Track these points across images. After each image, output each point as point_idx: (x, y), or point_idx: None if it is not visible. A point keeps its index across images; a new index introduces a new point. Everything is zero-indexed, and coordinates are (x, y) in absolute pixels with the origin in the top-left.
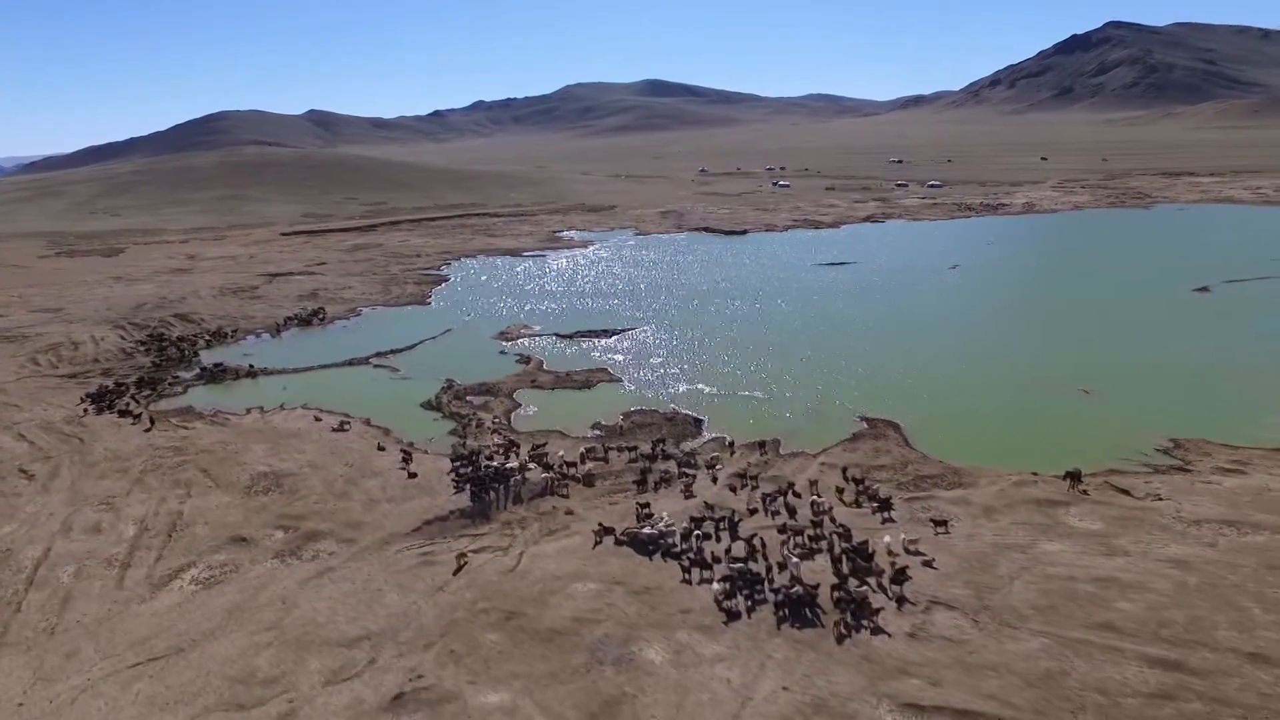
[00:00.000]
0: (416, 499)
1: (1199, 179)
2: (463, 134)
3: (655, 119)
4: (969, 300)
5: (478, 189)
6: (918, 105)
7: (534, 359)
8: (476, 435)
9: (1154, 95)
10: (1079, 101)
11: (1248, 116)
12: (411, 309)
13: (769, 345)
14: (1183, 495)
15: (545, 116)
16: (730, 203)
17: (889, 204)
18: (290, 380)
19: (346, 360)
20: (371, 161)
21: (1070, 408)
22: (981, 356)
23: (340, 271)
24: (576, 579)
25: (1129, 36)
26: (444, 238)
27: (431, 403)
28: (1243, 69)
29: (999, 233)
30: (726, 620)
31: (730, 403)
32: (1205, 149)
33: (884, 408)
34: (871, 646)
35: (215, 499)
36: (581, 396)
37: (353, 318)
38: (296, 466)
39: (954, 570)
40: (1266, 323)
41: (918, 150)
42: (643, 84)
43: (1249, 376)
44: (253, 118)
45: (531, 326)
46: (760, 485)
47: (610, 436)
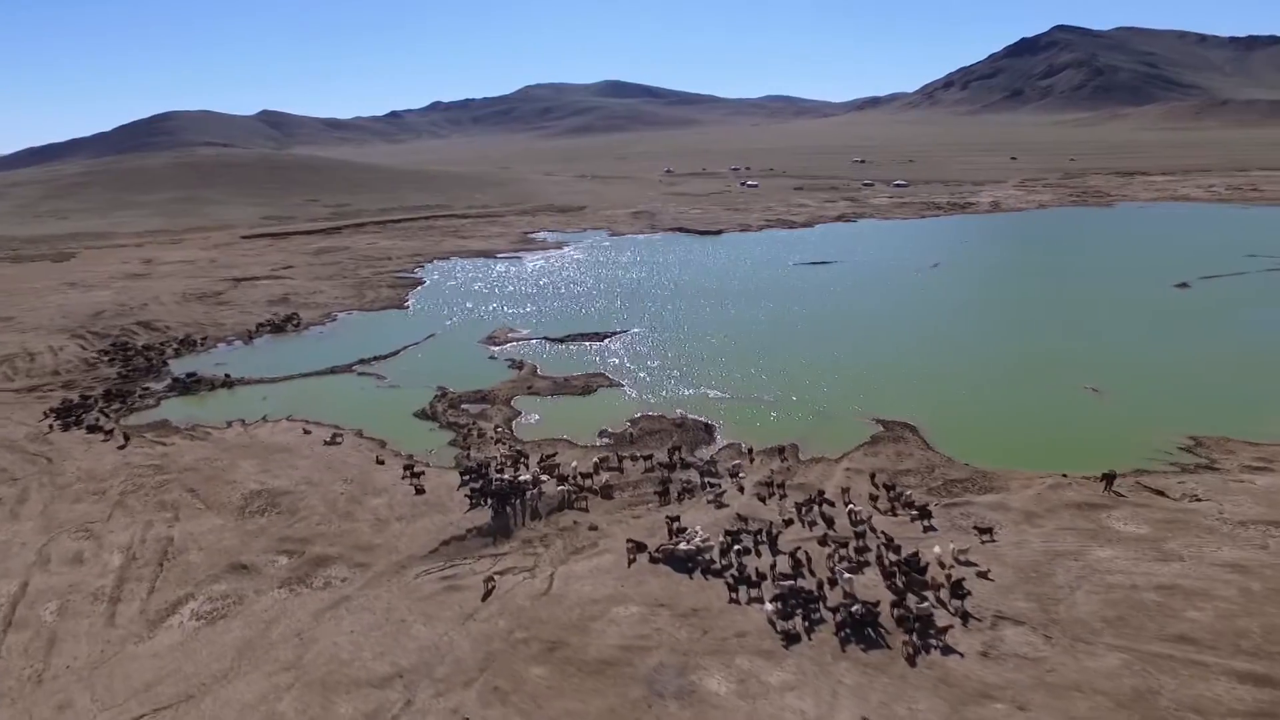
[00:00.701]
0: (428, 517)
1: (1153, 178)
2: (420, 135)
3: (615, 120)
4: (956, 298)
5: (442, 190)
6: (874, 106)
7: (527, 364)
8: (479, 446)
9: (1101, 97)
10: (1029, 103)
11: (1190, 118)
12: (389, 313)
13: (765, 346)
14: (1220, 495)
15: (504, 117)
16: (701, 203)
17: (859, 203)
18: (270, 390)
19: (328, 368)
20: (332, 163)
21: (1082, 407)
22: (981, 355)
23: (309, 275)
24: (616, 602)
25: (1075, 40)
26: (413, 240)
27: (426, 412)
28: (1182, 72)
29: (971, 231)
30: (786, 643)
31: (738, 406)
32: (1154, 149)
33: (896, 409)
34: (945, 668)
35: (207, 522)
36: (583, 403)
37: (328, 323)
38: (291, 484)
39: (1011, 581)
40: (1251, 317)
41: (879, 150)
42: (602, 85)
43: (1249, 372)
44: (202, 118)
45: (519, 330)
46: (788, 494)
47: (621, 445)
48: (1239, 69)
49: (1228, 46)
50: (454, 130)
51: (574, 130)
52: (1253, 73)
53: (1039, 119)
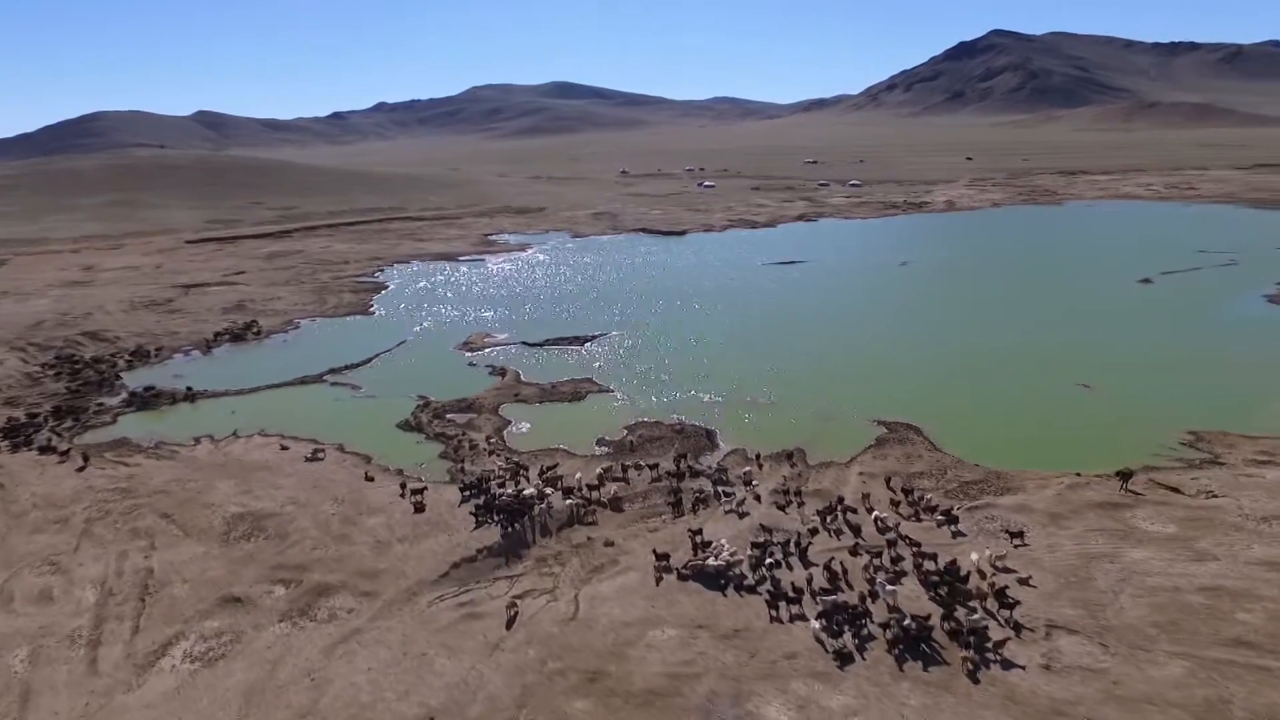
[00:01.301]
0: (433, 537)
1: (1095, 177)
2: (365, 136)
3: (564, 121)
4: (931, 296)
5: (393, 192)
6: (820, 108)
7: (509, 370)
8: (473, 459)
9: (1036, 99)
10: (969, 105)
11: (1121, 119)
12: (354, 320)
13: (751, 347)
14: (1235, 491)
15: (451, 118)
16: (660, 203)
17: (817, 203)
18: (237, 403)
19: (297, 378)
20: (277, 164)
21: (1077, 403)
22: (967, 353)
23: (264, 281)
24: (650, 625)
25: (1011, 44)
26: (368, 243)
27: (410, 423)
28: (1111, 75)
29: (931, 230)
30: (840, 663)
31: (735, 410)
32: (1091, 149)
33: (896, 409)
34: (1009, 683)
35: (188, 550)
36: (574, 410)
37: (290, 331)
38: (277, 505)
39: (1053, 587)
40: (1216, 311)
41: (829, 151)
42: (550, 86)
43: (1228, 366)
44: (134, 118)
45: (495, 335)
46: (806, 501)
47: (621, 453)
48: (1162, 73)
49: (1151, 52)
50: (400, 131)
51: (523, 131)
52: (1174, 77)
53: (979, 120)
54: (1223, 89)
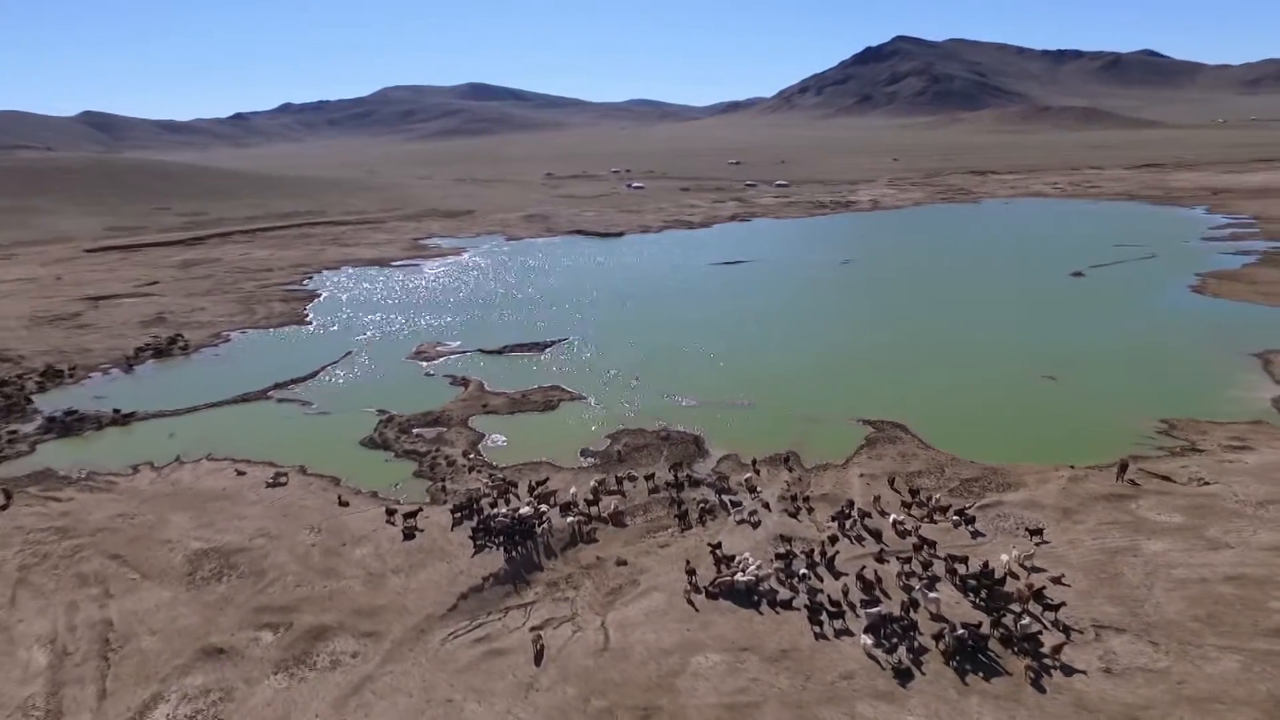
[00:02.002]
0: (430, 566)
1: (1003, 176)
2: (270, 138)
3: (481, 123)
4: (879, 294)
5: (310, 196)
6: (735, 110)
7: (471, 380)
8: (452, 477)
9: (940, 103)
10: (878, 108)
11: (1019, 122)
12: (289, 330)
13: (716, 349)
14: (1223, 477)
15: (363, 120)
16: (591, 205)
17: (747, 204)
18: (175, 425)
19: (238, 395)
20: (182, 168)
21: (1047, 395)
22: (929, 348)
23: (182, 291)
24: (690, 650)
25: (914, 50)
26: (290, 249)
27: (375, 440)
28: (1007, 80)
29: (862, 228)
30: (900, 680)
31: (716, 414)
32: (994, 150)
33: (878, 408)
34: (1075, 690)
35: (150, 595)
36: (549, 420)
37: (221, 344)
38: (245, 539)
39: (1086, 585)
40: (1149, 302)
41: (751, 152)
42: (465, 87)
43: (1173, 353)
44: (13, 119)
45: (447, 343)
46: (815, 507)
47: (610, 464)
48: (1052, 79)
49: (1041, 59)
50: (308, 133)
51: (439, 133)
52: (1062, 82)
53: (888, 122)
54: (1104, 94)
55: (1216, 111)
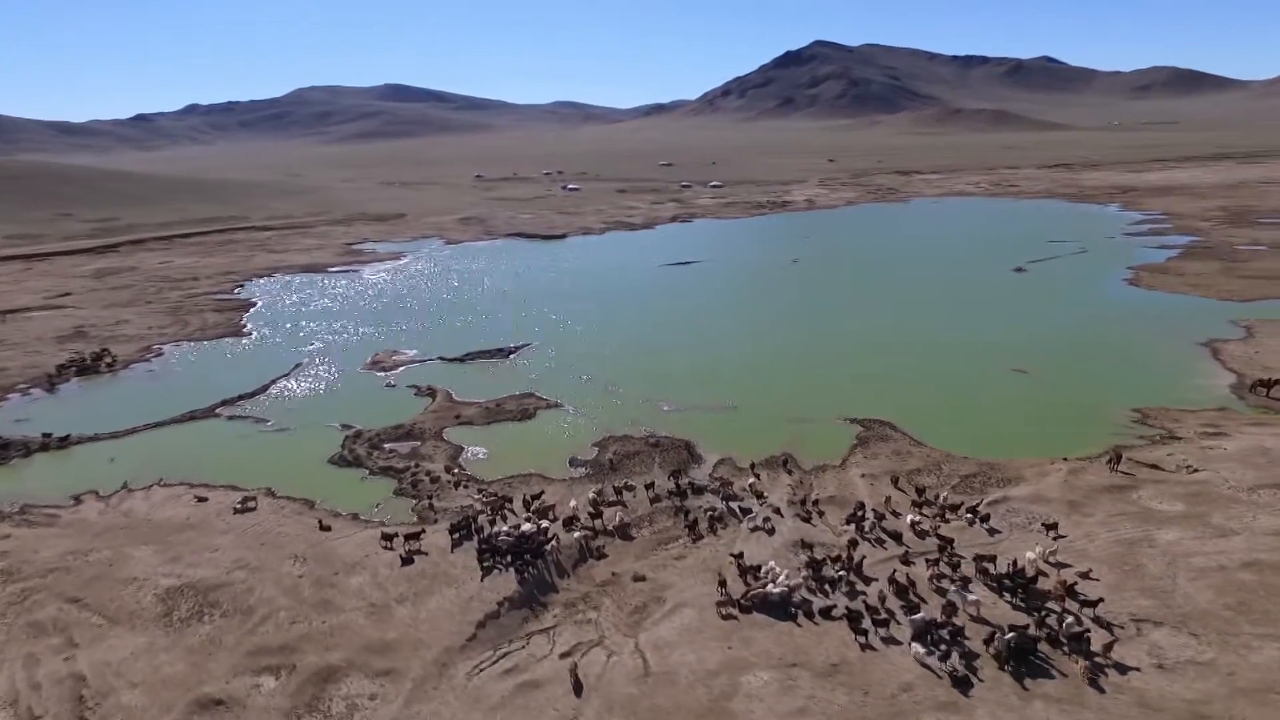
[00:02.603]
0: (438, 592)
1: (927, 176)
2: (177, 140)
3: (402, 125)
4: (834, 292)
5: (229, 200)
6: (660, 112)
7: (438, 390)
8: (438, 494)
9: (859, 105)
10: (800, 110)
11: (934, 124)
12: (227, 342)
13: (683, 350)
14: (1209, 464)
15: (276, 122)
16: (528, 207)
17: (686, 204)
18: (116, 449)
19: (184, 414)
20: (83, 171)
21: (1020, 388)
22: (896, 345)
23: (101, 302)
24: (737, 669)
25: (832, 54)
26: (215, 256)
27: (345, 457)
28: (920, 84)
29: (802, 228)
30: (961, 689)
31: (698, 418)
32: (915, 151)
33: (861, 406)
34: (1134, 689)
35: (123, 643)
36: (529, 429)
37: (153, 359)
38: (222, 572)
39: (1113, 579)
40: (1092, 295)
41: (681, 154)
42: (384, 88)
43: (1126, 343)
44: None
45: (404, 351)
46: (825, 510)
47: (602, 474)
48: (961, 83)
49: (950, 64)
50: (218, 135)
51: (358, 135)
52: (971, 86)
53: (809, 124)
54: (1009, 98)
55: (1111, 115)
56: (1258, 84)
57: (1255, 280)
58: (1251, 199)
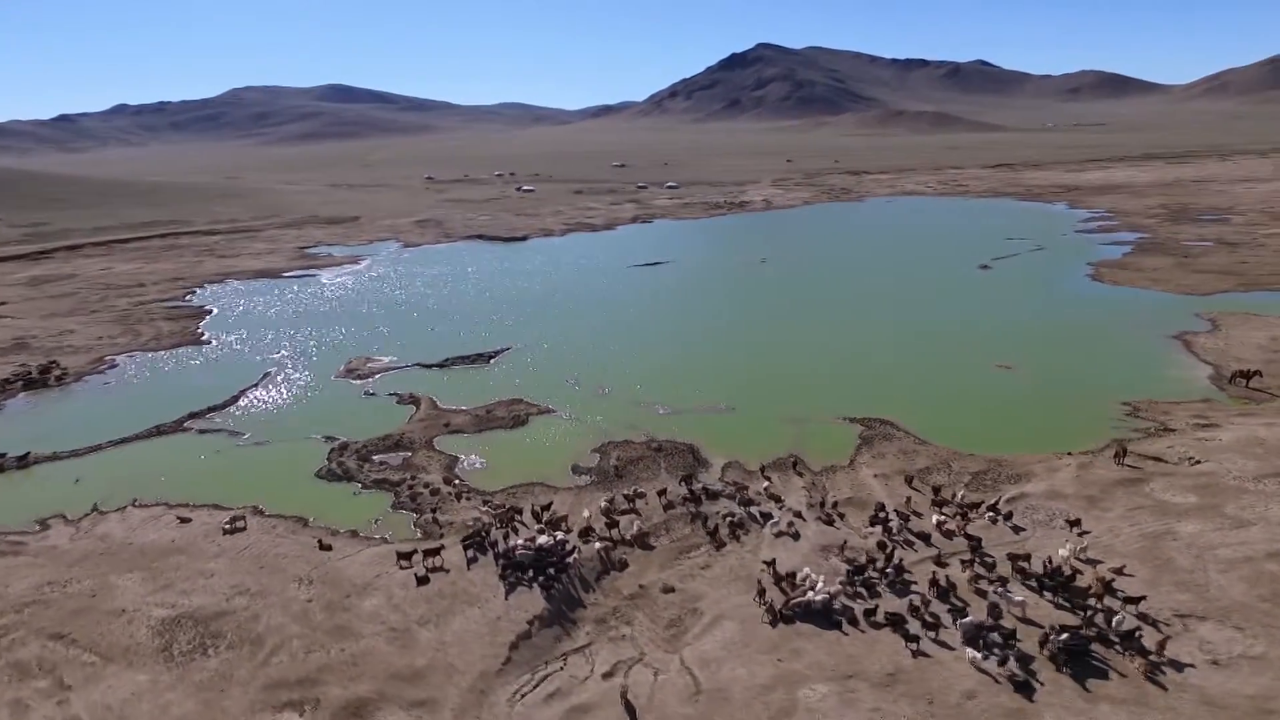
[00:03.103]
0: (460, 613)
1: (877, 176)
2: (105, 142)
3: (345, 126)
4: (807, 291)
5: (168, 204)
6: (608, 114)
7: (421, 398)
8: (440, 506)
9: (804, 107)
10: (746, 112)
11: (877, 125)
12: (186, 352)
13: (667, 352)
14: (1209, 455)
15: (211, 123)
16: (484, 209)
17: (644, 205)
18: (80, 468)
19: (150, 428)
20: (7, 173)
21: (1008, 384)
22: (876, 343)
23: (39, 312)
24: (792, 684)
25: (777, 56)
26: (160, 262)
27: (334, 470)
28: (862, 86)
29: (763, 228)
30: (1024, 694)
31: (697, 420)
32: (862, 152)
33: (855, 405)
34: (1194, 686)
35: (121, 682)
36: (522, 437)
37: (107, 370)
38: (221, 599)
39: (1147, 574)
40: (1058, 290)
41: (632, 155)
42: (325, 89)
43: (1099, 337)
44: None
45: (378, 358)
46: (845, 512)
47: (607, 481)
48: (901, 85)
49: (891, 67)
50: (149, 137)
51: (299, 137)
52: (911, 89)
53: (757, 126)
54: (948, 100)
55: (1044, 117)
56: (1178, 88)
57: (1209, 275)
58: (1186, 197)
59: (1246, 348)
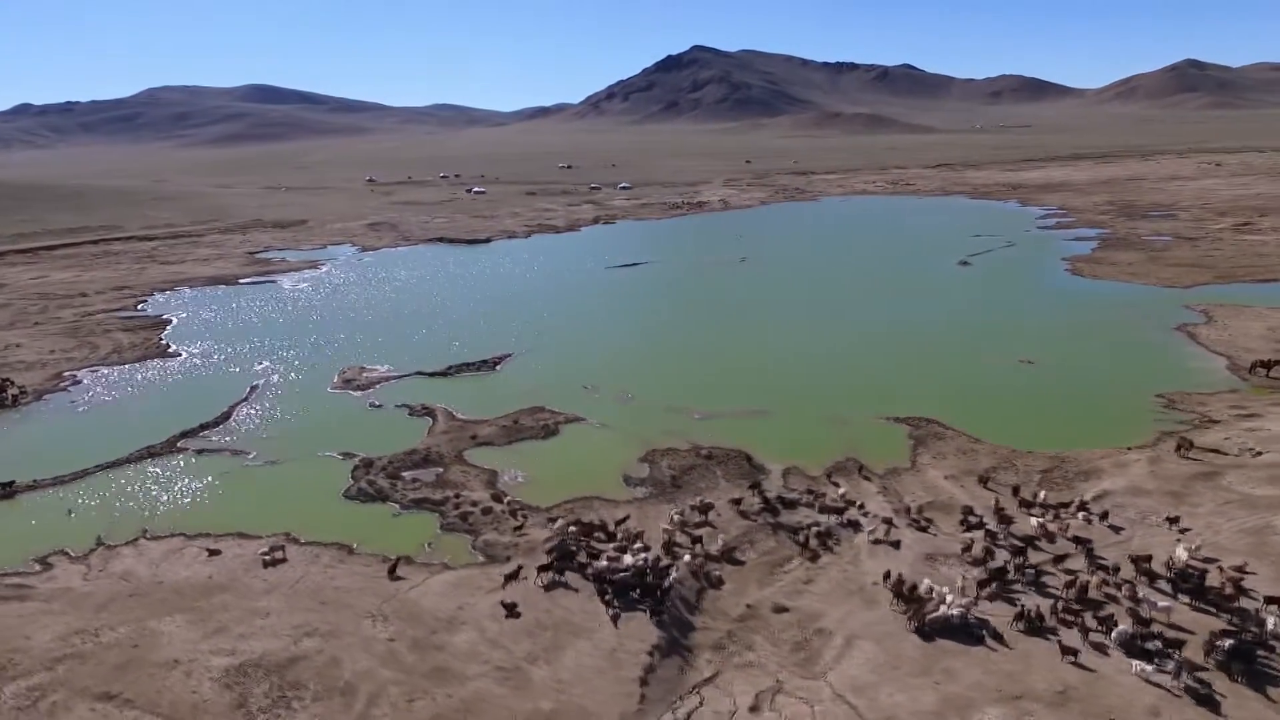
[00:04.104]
0: (570, 646)
1: (825, 176)
2: (9, 144)
3: (271, 127)
4: (794, 289)
5: (96, 209)
6: (544, 116)
7: (436, 409)
8: (495, 526)
9: (741, 109)
10: (684, 114)
11: (814, 127)
12: (154, 365)
13: (677, 353)
14: (1268, 446)
15: (126, 124)
16: (438, 211)
17: (602, 206)
18: (67, 497)
19: (141, 450)
20: None
21: (1038, 378)
22: (889, 338)
23: None
24: (962, 708)
25: (712, 59)
26: (98, 270)
27: (365, 491)
28: (796, 89)
29: (729, 227)
30: (1209, 708)
31: (736, 424)
32: (804, 154)
33: (893, 404)
34: None
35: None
36: (558, 447)
37: (70, 387)
38: (288, 642)
39: (1270, 571)
40: (1041, 284)
41: (577, 156)
42: (248, 89)
43: (1109, 330)
44: None
45: (374, 367)
46: (932, 517)
47: (667, 491)
48: (833, 88)
49: (823, 70)
50: (56, 139)
51: (223, 138)
52: (843, 91)
53: (695, 128)
54: (879, 102)
55: (969, 119)
56: (1091, 92)
57: (1181, 268)
58: (1128, 194)
59: (1250, 338)
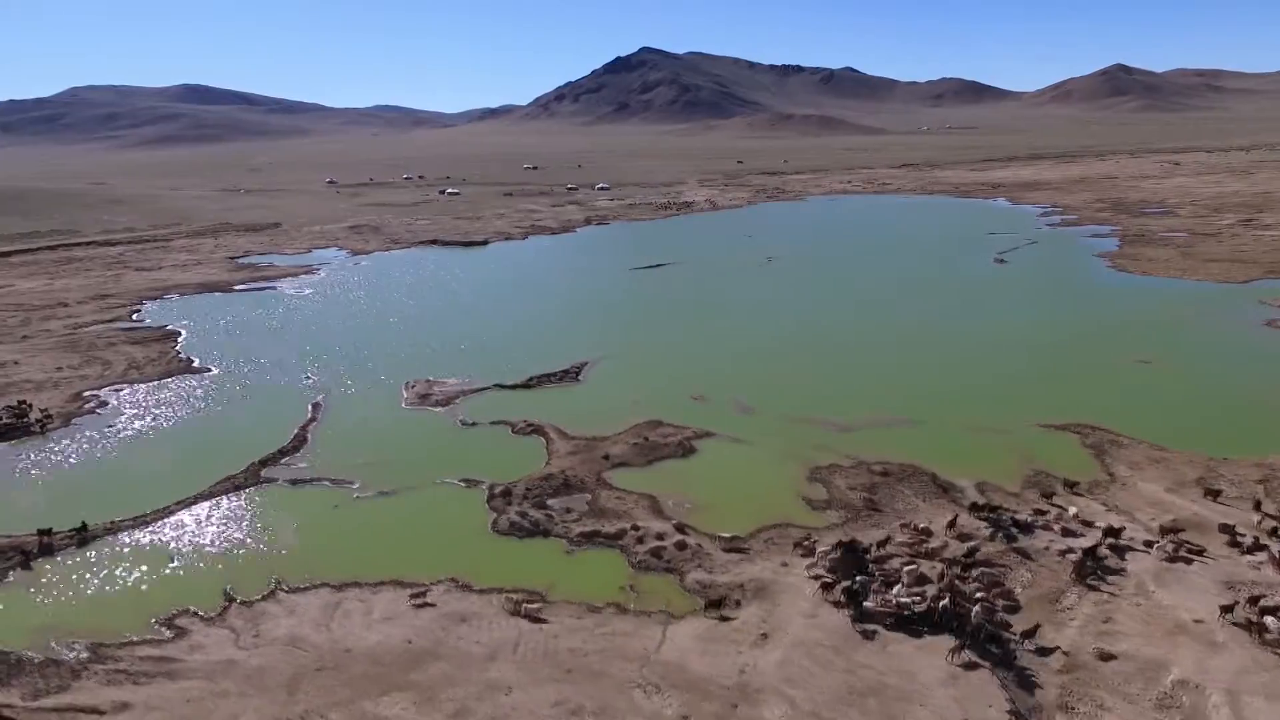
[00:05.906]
0: (909, 711)
1: (795, 176)
2: None
3: (207, 129)
4: (843, 290)
5: (43, 213)
6: (493, 117)
7: (546, 426)
8: (697, 563)
9: (691, 111)
10: (635, 115)
11: (767, 128)
12: (185, 383)
13: (769, 358)
14: None
15: (48, 125)
16: (417, 213)
17: (589, 207)
18: (155, 540)
19: (221, 481)
20: None
21: (1167, 378)
22: (981, 337)
23: None
24: None
25: (661, 61)
26: (66, 278)
27: (517, 524)
28: (745, 91)
29: (730, 226)
30: None
31: (888, 435)
32: (765, 154)
33: (1040, 409)
34: None
35: None
36: (704, 466)
37: (99, 409)
38: None
39: None
40: (1090, 282)
41: (540, 158)
42: (181, 89)
43: (1196, 325)
44: None
45: (444, 380)
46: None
47: (860, 515)
48: (781, 90)
49: (770, 72)
50: None
51: (157, 140)
52: (790, 93)
53: (646, 129)
54: (826, 104)
55: (913, 121)
56: (1028, 94)
57: (1223, 264)
58: (1112, 192)
59: None
